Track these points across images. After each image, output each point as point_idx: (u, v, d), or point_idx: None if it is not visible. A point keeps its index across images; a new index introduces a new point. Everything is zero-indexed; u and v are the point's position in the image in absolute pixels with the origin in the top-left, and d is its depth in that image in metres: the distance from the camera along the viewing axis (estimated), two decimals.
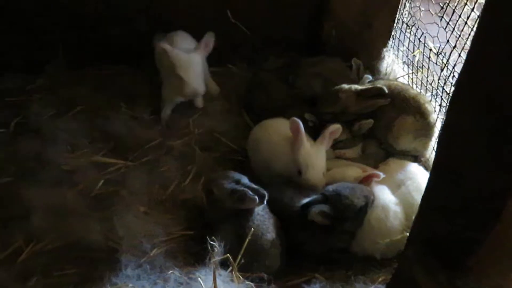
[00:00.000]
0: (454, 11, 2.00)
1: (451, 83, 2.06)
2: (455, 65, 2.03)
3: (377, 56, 2.75)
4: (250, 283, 1.70)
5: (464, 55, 1.96)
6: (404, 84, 2.42)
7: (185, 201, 2.21)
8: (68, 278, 1.82)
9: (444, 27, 2.07)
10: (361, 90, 2.33)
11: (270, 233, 1.89)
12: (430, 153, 2.37)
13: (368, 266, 1.96)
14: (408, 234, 1.90)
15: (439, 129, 2.27)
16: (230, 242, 1.77)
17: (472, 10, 1.89)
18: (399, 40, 2.66)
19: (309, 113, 2.46)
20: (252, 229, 1.78)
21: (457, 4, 1.99)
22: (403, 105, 2.23)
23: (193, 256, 1.91)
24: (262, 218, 1.91)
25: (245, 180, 1.94)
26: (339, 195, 1.86)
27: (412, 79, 2.58)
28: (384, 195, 2.02)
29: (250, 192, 1.83)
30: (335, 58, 2.73)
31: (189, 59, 2.42)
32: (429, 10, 2.27)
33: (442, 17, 2.08)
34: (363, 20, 2.73)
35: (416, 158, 2.36)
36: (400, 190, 2.08)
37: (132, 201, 2.07)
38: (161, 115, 2.52)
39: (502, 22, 0.99)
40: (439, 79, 2.22)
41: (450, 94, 2.13)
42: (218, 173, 2.08)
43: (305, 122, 2.42)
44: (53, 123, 2.49)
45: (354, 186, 1.92)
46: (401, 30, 2.62)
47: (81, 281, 1.79)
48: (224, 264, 1.72)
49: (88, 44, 2.83)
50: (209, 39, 2.48)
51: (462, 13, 1.95)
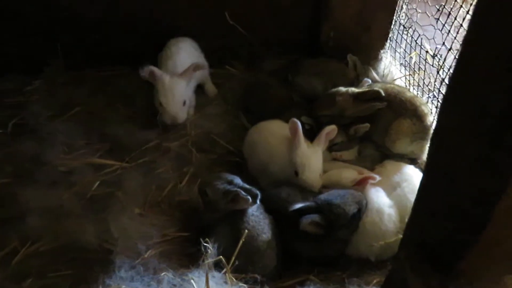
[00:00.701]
0: (450, 13, 2.00)
1: (448, 84, 2.06)
2: (451, 67, 2.02)
3: (375, 58, 2.75)
4: (244, 285, 1.70)
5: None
6: (400, 86, 2.42)
7: (181, 202, 2.21)
8: (63, 280, 1.82)
9: (440, 29, 2.06)
10: (358, 93, 2.33)
11: (265, 233, 1.89)
12: (426, 154, 2.36)
13: (363, 268, 1.95)
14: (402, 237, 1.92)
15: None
16: (225, 244, 1.77)
17: (468, 12, 1.89)
18: (396, 42, 2.66)
19: (306, 115, 2.47)
20: (247, 230, 1.78)
21: (453, 6, 1.98)
22: (400, 108, 2.23)
23: (188, 257, 1.91)
24: (257, 218, 1.91)
25: (237, 180, 1.94)
26: (330, 205, 1.85)
27: (409, 80, 2.58)
28: (379, 198, 2.02)
29: (243, 193, 1.83)
30: (335, 59, 2.73)
31: (171, 85, 2.40)
32: (425, 12, 2.26)
33: (438, 19, 2.08)
34: (361, 22, 2.72)
35: (413, 160, 2.36)
36: (395, 192, 2.07)
37: (127, 202, 2.07)
38: (158, 118, 2.52)
39: (491, 26, 0.99)
40: (435, 81, 2.21)
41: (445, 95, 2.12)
42: (211, 175, 2.08)
43: (302, 125, 2.44)
44: (51, 124, 2.50)
45: (345, 193, 1.89)
46: (398, 32, 2.62)
47: (76, 283, 1.80)
48: (218, 266, 1.72)
49: (87, 46, 2.84)
50: (196, 66, 2.46)
51: (458, 15, 1.95)
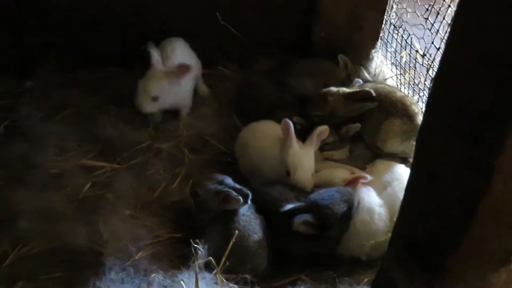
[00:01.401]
0: (438, 13, 2.01)
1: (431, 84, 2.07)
2: None
3: (366, 57, 2.76)
4: (234, 285, 1.70)
5: None
6: (391, 86, 2.43)
7: (173, 203, 2.21)
8: (54, 282, 1.82)
9: (430, 29, 2.07)
10: (349, 93, 2.34)
11: (256, 233, 1.90)
12: None
13: (354, 267, 1.96)
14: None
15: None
16: (217, 244, 1.78)
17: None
18: (387, 41, 2.67)
19: (297, 115, 2.47)
20: (237, 231, 1.79)
21: (441, 6, 1.99)
22: (391, 108, 2.24)
23: (179, 259, 1.91)
24: (248, 218, 1.91)
25: (228, 180, 1.94)
26: (319, 205, 1.85)
27: (400, 80, 2.59)
28: (370, 197, 2.03)
29: (234, 193, 1.83)
30: (327, 60, 2.74)
31: (149, 77, 2.46)
32: (415, 12, 2.27)
33: (427, 19, 2.09)
34: (352, 22, 2.73)
35: (404, 159, 2.37)
36: (386, 191, 2.08)
37: (118, 204, 2.07)
38: (149, 118, 2.52)
39: (473, 28, 1.00)
40: (425, 80, 2.22)
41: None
42: (202, 176, 2.09)
43: (293, 125, 2.44)
44: (42, 126, 2.48)
45: (334, 192, 1.89)
46: (389, 32, 2.63)
47: (67, 285, 1.79)
48: (209, 267, 1.73)
49: (79, 48, 2.83)
50: (182, 67, 2.46)
51: (446, 15, 1.96)
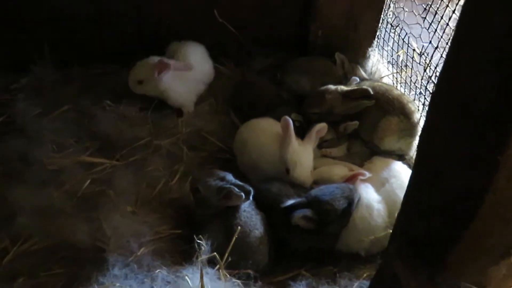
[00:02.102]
0: (436, 12, 2.04)
1: (434, 82, 2.11)
2: (437, 65, 2.07)
3: (363, 56, 2.79)
4: (237, 280, 1.72)
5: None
6: (388, 84, 2.46)
7: (172, 200, 2.21)
8: (55, 278, 1.81)
9: (427, 28, 2.11)
10: (347, 91, 2.37)
11: (258, 229, 1.91)
12: (414, 151, 2.42)
13: (353, 263, 1.99)
14: (391, 231, 1.96)
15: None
16: (218, 240, 1.79)
17: (454, 11, 1.93)
18: (383, 40, 2.71)
19: (295, 113, 2.49)
20: (239, 227, 1.80)
21: (439, 5, 2.03)
22: (388, 106, 2.27)
23: (181, 255, 1.92)
24: (249, 214, 1.93)
25: (229, 177, 1.96)
26: (319, 201, 1.87)
27: (396, 78, 2.63)
28: (368, 193, 2.05)
29: (236, 189, 1.85)
30: (323, 58, 2.76)
31: (141, 62, 2.57)
32: (412, 11, 2.31)
33: (425, 18, 2.12)
34: (349, 21, 2.76)
35: (401, 156, 2.40)
36: (384, 188, 2.12)
37: (119, 200, 2.07)
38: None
39: (479, 26, 1.03)
40: (422, 79, 2.26)
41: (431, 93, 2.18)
42: (203, 172, 2.10)
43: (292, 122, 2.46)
44: (39, 122, 2.46)
45: (335, 189, 1.91)
46: (385, 30, 2.66)
47: (68, 281, 1.79)
48: (212, 262, 1.74)
49: (75, 44, 2.81)
50: (162, 64, 2.50)
51: (444, 15, 2.00)
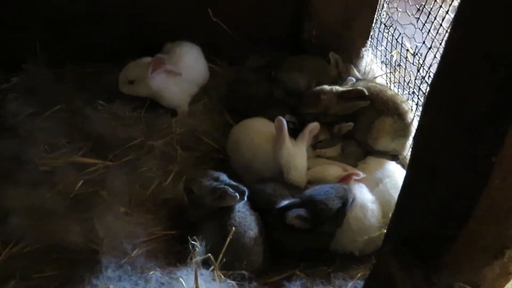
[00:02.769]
0: (430, 12, 2.05)
1: (427, 82, 2.12)
2: (431, 65, 2.08)
3: (357, 56, 2.79)
4: (232, 281, 1.71)
5: (439, 56, 2.02)
6: (382, 85, 2.47)
7: (166, 200, 2.20)
8: (48, 281, 1.79)
9: (421, 28, 2.12)
10: (342, 91, 2.37)
11: (252, 230, 1.91)
12: (407, 151, 2.43)
13: (348, 263, 2.00)
14: (385, 231, 1.97)
15: (415, 128, 2.33)
16: (212, 241, 1.78)
17: (447, 12, 1.94)
18: (377, 40, 2.71)
19: (289, 113, 2.49)
20: (234, 227, 1.80)
21: (433, 6, 2.04)
22: (382, 106, 2.28)
23: (175, 256, 1.91)
24: (243, 215, 1.93)
25: (224, 177, 1.95)
26: (314, 201, 1.87)
27: (390, 78, 2.63)
28: (362, 194, 2.06)
29: (231, 189, 1.84)
30: (317, 56, 2.76)
31: (133, 62, 2.55)
32: (406, 11, 2.31)
33: (419, 18, 2.13)
34: (343, 20, 2.76)
35: (395, 157, 2.41)
36: (378, 188, 2.13)
37: (112, 201, 2.05)
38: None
39: (476, 25, 1.03)
40: (415, 79, 2.27)
41: (425, 93, 2.19)
42: (197, 172, 2.09)
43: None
44: (31, 122, 2.42)
45: (329, 189, 1.91)
46: (379, 30, 2.67)
47: (61, 283, 1.77)
48: (206, 263, 1.73)
49: (67, 42, 2.77)
50: (158, 61, 2.48)
51: (438, 15, 2.00)
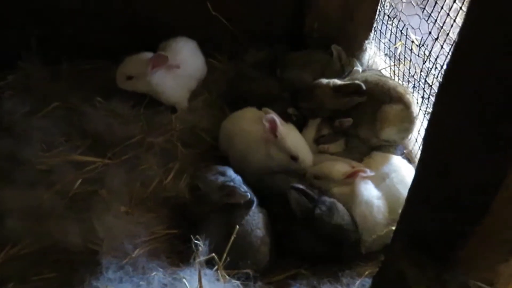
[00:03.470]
0: (436, 2, 1.99)
1: (434, 75, 2.06)
2: (437, 57, 2.02)
3: (359, 48, 2.74)
4: (236, 281, 1.66)
5: (446, 47, 1.97)
6: (382, 75, 2.41)
7: (167, 199, 2.15)
8: (47, 283, 1.75)
9: (426, 19, 2.06)
10: (339, 85, 2.31)
11: (259, 228, 1.85)
12: (413, 145, 2.38)
13: (354, 260, 1.95)
14: (393, 228, 1.92)
15: (423, 122, 2.28)
16: (217, 239, 1.73)
17: (454, 1, 1.88)
18: (380, 32, 2.65)
19: (292, 107, 2.44)
20: (238, 226, 1.74)
21: None
22: (384, 96, 2.22)
23: (178, 255, 1.87)
24: (251, 212, 1.86)
25: (230, 172, 1.91)
26: (331, 211, 1.86)
27: (394, 71, 2.58)
28: (367, 190, 2.01)
29: (241, 189, 1.79)
30: (320, 51, 2.71)
31: (131, 57, 2.48)
32: (410, 2, 2.26)
33: (424, 8, 2.07)
34: (345, 12, 2.70)
35: (399, 150, 2.36)
36: (384, 183, 2.07)
37: (112, 200, 1.99)
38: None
39: (490, 12, 0.97)
40: (421, 71, 2.21)
41: (433, 86, 2.13)
42: (202, 167, 2.03)
43: (289, 117, 2.41)
44: (27, 121, 2.37)
45: (348, 219, 1.90)
46: (382, 22, 2.61)
47: (61, 286, 1.73)
48: (210, 263, 1.68)
49: (63, 38, 2.72)
50: (159, 58, 2.42)
51: (444, 4, 1.95)
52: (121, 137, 2.36)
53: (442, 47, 1.98)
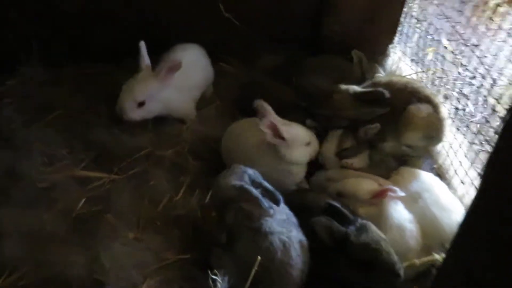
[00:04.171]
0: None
1: (474, 85, 1.88)
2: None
3: (382, 53, 2.56)
4: None
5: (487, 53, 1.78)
6: (408, 78, 2.23)
7: (178, 217, 1.99)
8: None
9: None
10: (360, 93, 2.12)
11: (298, 258, 1.63)
12: (444, 159, 2.20)
13: None
14: (429, 257, 1.75)
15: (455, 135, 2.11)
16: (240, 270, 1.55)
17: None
18: (407, 36, 2.47)
19: (310, 119, 2.27)
20: (259, 257, 1.56)
21: None
22: (411, 96, 2.04)
23: (191, 284, 1.71)
24: (286, 234, 1.63)
25: (250, 171, 1.72)
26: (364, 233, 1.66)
27: (421, 77, 2.40)
28: (398, 212, 1.84)
29: (263, 201, 1.60)
30: (339, 56, 2.53)
31: (135, 80, 2.23)
32: (443, 4, 2.07)
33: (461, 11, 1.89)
34: (367, 15, 2.52)
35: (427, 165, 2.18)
36: (417, 204, 1.90)
37: (118, 224, 1.84)
38: None
39: None
40: (455, 80, 2.03)
41: (469, 96, 1.96)
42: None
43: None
44: (27, 130, 2.25)
45: (385, 244, 1.68)
46: (409, 25, 2.42)
47: None
48: None
49: (65, 41, 2.59)
50: (173, 64, 2.21)
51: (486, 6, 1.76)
52: (128, 150, 2.21)
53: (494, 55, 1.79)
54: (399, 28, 2.49)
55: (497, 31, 1.69)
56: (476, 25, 1.82)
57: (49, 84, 2.52)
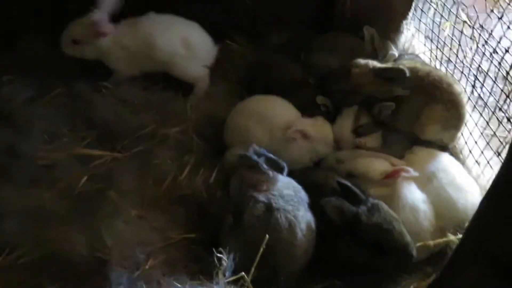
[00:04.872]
0: None
1: (497, 61, 1.77)
2: (501, 38, 1.73)
3: (396, 30, 2.46)
4: None
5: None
6: (432, 67, 2.14)
7: (183, 197, 1.94)
8: None
9: None
10: (380, 68, 2.05)
11: (303, 235, 1.59)
12: (458, 139, 2.12)
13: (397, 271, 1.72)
14: (444, 238, 1.69)
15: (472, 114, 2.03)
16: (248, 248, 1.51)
17: None
18: (422, 11, 2.36)
19: (320, 95, 2.19)
20: (267, 236, 1.50)
21: None
22: (434, 91, 1.96)
23: (197, 264, 1.66)
24: (293, 212, 1.60)
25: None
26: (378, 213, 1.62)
27: (435, 55, 2.30)
28: (411, 193, 1.78)
29: (264, 166, 1.62)
30: (349, 33, 2.43)
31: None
32: None
33: None
34: None
35: (443, 147, 2.10)
36: (431, 185, 1.83)
37: (121, 202, 1.78)
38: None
39: None
40: (473, 56, 1.94)
41: (487, 73, 1.86)
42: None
43: (317, 106, 2.17)
44: (27, 108, 2.19)
45: (397, 226, 1.63)
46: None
47: None
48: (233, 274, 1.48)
49: (67, 15, 2.44)
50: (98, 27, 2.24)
51: None
52: (131, 128, 2.15)
53: (509, 27, 1.68)
54: (414, 3, 2.38)
55: None
56: None
57: (50, 61, 2.43)
